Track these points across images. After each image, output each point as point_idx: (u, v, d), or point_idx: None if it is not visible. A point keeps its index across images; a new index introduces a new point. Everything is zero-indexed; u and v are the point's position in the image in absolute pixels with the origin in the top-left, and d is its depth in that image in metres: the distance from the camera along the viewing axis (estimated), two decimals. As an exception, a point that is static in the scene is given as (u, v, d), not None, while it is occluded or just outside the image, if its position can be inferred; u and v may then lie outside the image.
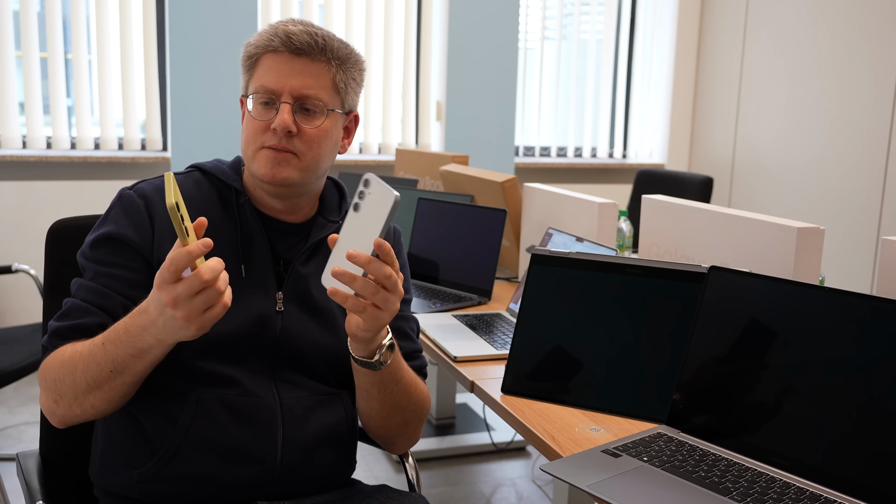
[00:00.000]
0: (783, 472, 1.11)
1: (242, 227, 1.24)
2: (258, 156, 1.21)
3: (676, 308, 1.34)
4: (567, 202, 2.11)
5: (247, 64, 1.24)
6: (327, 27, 4.04)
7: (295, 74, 1.19)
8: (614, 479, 1.09)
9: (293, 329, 1.23)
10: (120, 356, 1.05)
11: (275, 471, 1.19)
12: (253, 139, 1.21)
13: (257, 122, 1.21)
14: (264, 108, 1.20)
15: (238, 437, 1.17)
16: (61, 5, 3.65)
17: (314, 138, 1.21)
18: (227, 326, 1.16)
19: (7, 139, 3.64)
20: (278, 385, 1.22)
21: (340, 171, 3.47)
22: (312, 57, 1.20)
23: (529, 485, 2.77)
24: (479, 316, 1.95)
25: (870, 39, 3.54)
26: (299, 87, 1.19)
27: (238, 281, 1.20)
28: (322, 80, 1.21)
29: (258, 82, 1.21)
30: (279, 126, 1.18)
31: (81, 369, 1.08)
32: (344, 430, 1.28)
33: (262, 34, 1.22)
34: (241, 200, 1.25)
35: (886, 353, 1.05)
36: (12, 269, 2.73)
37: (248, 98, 1.23)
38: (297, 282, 1.25)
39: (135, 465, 1.17)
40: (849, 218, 3.62)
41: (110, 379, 1.07)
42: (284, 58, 1.20)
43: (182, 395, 1.17)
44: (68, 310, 1.16)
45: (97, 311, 1.15)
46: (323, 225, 1.28)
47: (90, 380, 1.08)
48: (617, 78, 4.80)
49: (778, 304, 1.17)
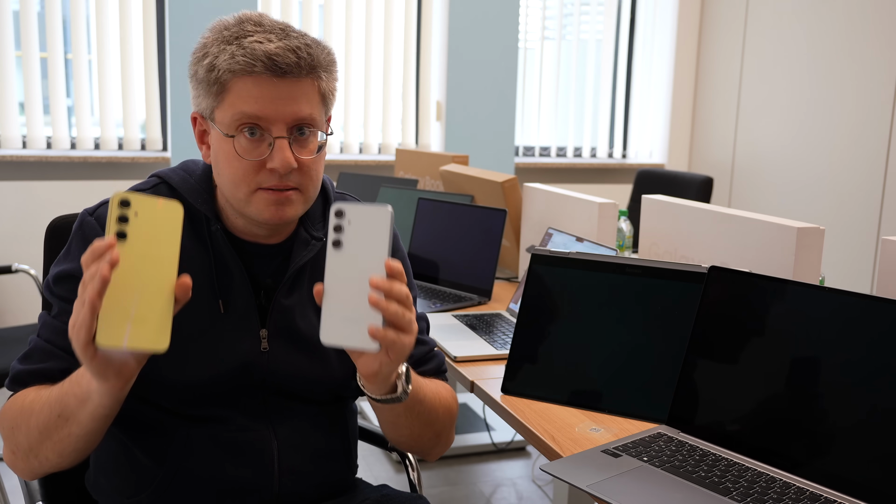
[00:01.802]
0: (783, 472, 1.11)
1: (216, 256, 1.11)
2: (254, 199, 1.06)
3: (676, 308, 1.34)
4: (567, 202, 2.10)
5: (213, 88, 1.04)
6: (327, 27, 4.08)
7: (284, 100, 1.03)
8: (614, 479, 1.09)
9: (282, 368, 1.14)
10: (67, 398, 0.96)
11: (272, 497, 1.15)
12: (244, 181, 1.05)
13: (248, 162, 1.04)
14: (251, 141, 1.04)
15: (232, 471, 1.12)
16: (61, 5, 3.65)
17: (312, 167, 1.08)
18: (210, 372, 1.09)
19: (7, 139, 3.64)
20: (272, 416, 1.15)
21: (340, 170, 3.47)
22: (300, 76, 1.04)
23: (529, 485, 2.77)
24: (479, 316, 1.94)
25: (870, 39, 3.54)
26: (293, 114, 1.04)
27: (217, 319, 1.11)
28: (312, 97, 1.06)
29: (237, 109, 1.03)
30: (281, 167, 1.03)
31: (35, 414, 1.00)
32: (341, 445, 1.24)
33: (230, 53, 1.03)
34: (214, 228, 1.11)
35: (886, 353, 1.05)
36: (12, 269, 2.73)
37: (219, 123, 1.05)
38: (281, 316, 1.14)
39: (126, 494, 1.14)
40: (849, 218, 3.62)
41: (58, 426, 0.98)
42: (267, 81, 1.02)
43: (171, 430, 1.11)
44: (31, 351, 1.07)
45: (61, 355, 1.05)
46: (305, 242, 1.16)
47: (41, 426, 0.99)
48: (617, 78, 4.80)
49: (778, 304, 1.17)
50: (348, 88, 4.13)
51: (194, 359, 1.09)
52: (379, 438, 1.48)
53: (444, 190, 2.76)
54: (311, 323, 1.16)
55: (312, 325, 1.15)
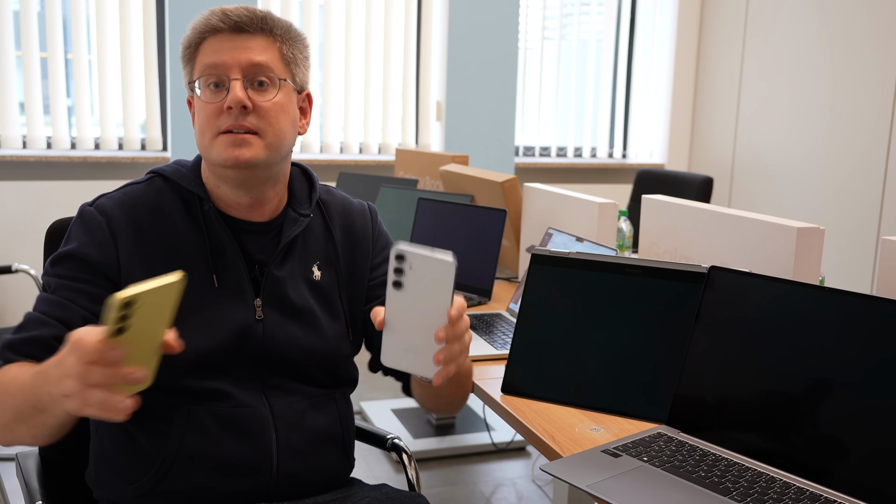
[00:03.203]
0: (783, 472, 1.11)
1: (210, 234, 1.19)
2: (216, 142, 1.15)
3: (676, 308, 1.34)
4: (567, 202, 2.10)
5: (186, 54, 1.18)
6: (326, 28, 4.08)
7: (239, 49, 1.15)
8: (614, 479, 1.09)
9: (276, 336, 1.19)
10: (42, 393, 0.93)
11: (272, 479, 1.18)
12: (207, 126, 1.15)
13: (209, 107, 1.15)
14: (214, 91, 1.15)
15: (232, 449, 1.15)
16: (61, 5, 3.65)
17: (271, 111, 1.16)
18: (209, 342, 1.13)
19: (7, 139, 3.64)
20: (268, 393, 1.20)
21: (340, 171, 3.47)
22: (254, 32, 1.16)
23: (529, 485, 2.77)
24: (479, 316, 1.94)
25: (870, 39, 3.54)
26: (248, 59, 1.14)
27: (211, 292, 1.17)
28: (269, 52, 1.17)
29: (202, 64, 1.16)
30: (233, 102, 1.12)
31: (10, 398, 1.00)
32: (339, 431, 1.27)
33: (196, 21, 1.18)
34: (206, 207, 1.19)
35: (886, 353, 1.05)
36: (12, 269, 2.73)
37: (195, 86, 1.17)
38: (274, 286, 1.21)
39: (129, 480, 1.16)
40: (849, 218, 3.62)
41: (33, 415, 0.97)
42: (226, 36, 1.15)
43: (172, 410, 1.15)
44: (25, 322, 1.11)
45: (54, 323, 1.09)
46: (294, 220, 1.24)
47: (16, 410, 0.99)
48: (617, 78, 4.80)
49: (778, 304, 1.17)
50: (348, 88, 4.13)
51: (193, 330, 1.12)
52: (379, 438, 1.49)
53: (444, 190, 2.76)
54: (303, 295, 1.24)
55: (304, 296, 1.23)
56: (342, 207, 1.33)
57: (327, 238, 1.29)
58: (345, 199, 1.35)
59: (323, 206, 1.30)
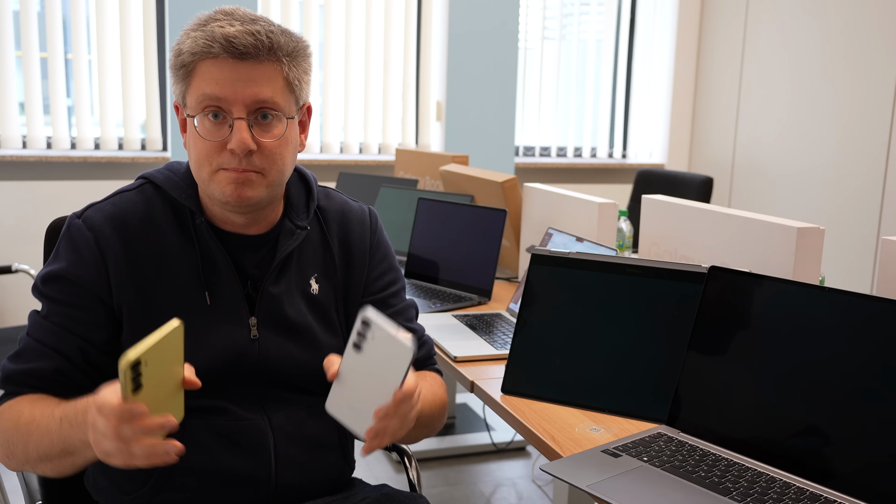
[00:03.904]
0: (783, 472, 1.11)
1: (202, 249, 1.14)
2: (216, 178, 1.09)
3: (676, 308, 1.34)
4: (567, 202, 2.10)
5: (180, 73, 1.09)
6: (326, 28, 4.08)
7: (243, 81, 1.05)
8: (614, 479, 1.09)
9: (272, 356, 1.16)
10: (73, 439, 0.98)
11: (270, 489, 1.17)
12: (206, 161, 1.08)
13: (209, 144, 1.07)
14: (214, 123, 1.07)
15: (229, 462, 1.13)
16: (61, 5, 3.65)
17: (275, 151, 1.10)
18: (202, 362, 1.09)
19: (7, 139, 3.64)
20: (266, 405, 1.17)
21: (340, 171, 3.47)
22: (260, 59, 1.06)
23: (529, 485, 2.77)
24: (479, 316, 1.94)
25: (870, 39, 3.54)
26: (252, 95, 1.06)
27: (204, 310, 1.13)
28: (275, 82, 1.08)
29: (200, 91, 1.06)
30: (238, 148, 1.06)
31: (35, 441, 1.03)
32: (338, 435, 1.25)
33: (193, 38, 1.07)
34: (198, 221, 1.14)
35: (886, 353, 1.05)
36: (12, 269, 2.73)
37: (183, 106, 1.10)
38: (269, 304, 1.17)
39: (126, 490, 1.15)
40: (849, 218, 3.62)
41: (61, 457, 1.02)
42: (227, 64, 1.05)
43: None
44: (22, 350, 1.10)
45: (52, 354, 1.08)
46: (291, 232, 1.19)
47: (42, 453, 1.03)
48: (617, 78, 4.80)
49: (778, 304, 1.17)
50: (348, 88, 4.13)
51: (186, 351, 1.09)
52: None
53: (444, 190, 2.76)
54: (300, 310, 1.19)
55: (301, 312, 1.19)
56: (340, 215, 1.27)
57: (325, 248, 1.24)
58: (344, 204, 1.30)
59: (321, 215, 1.25)
